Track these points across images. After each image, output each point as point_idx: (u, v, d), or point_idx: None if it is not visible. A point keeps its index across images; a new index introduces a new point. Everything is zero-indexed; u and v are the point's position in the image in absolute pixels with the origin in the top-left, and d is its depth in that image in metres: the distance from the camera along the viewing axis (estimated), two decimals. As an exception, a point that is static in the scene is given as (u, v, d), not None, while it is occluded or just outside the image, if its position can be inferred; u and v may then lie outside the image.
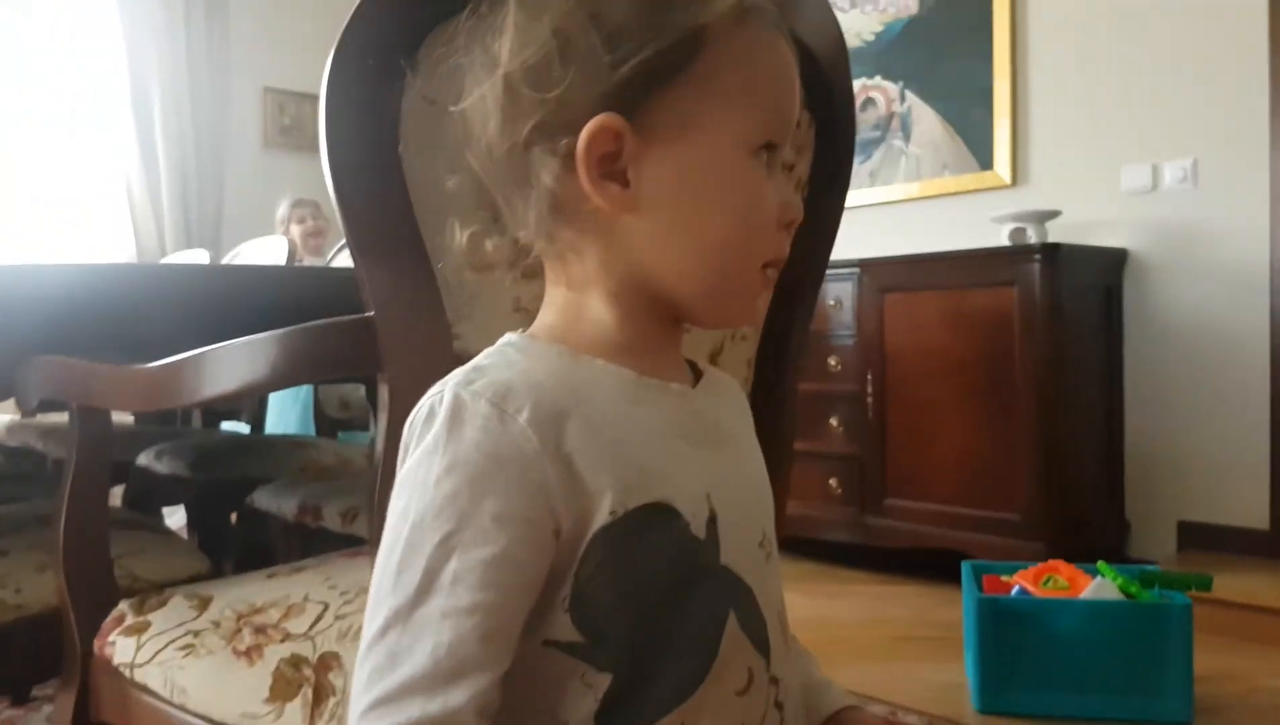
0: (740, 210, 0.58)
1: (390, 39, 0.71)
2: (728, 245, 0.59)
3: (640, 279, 0.60)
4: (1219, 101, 2.81)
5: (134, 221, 4.32)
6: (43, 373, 1.06)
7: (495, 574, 0.51)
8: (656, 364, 0.62)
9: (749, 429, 0.72)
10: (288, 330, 0.73)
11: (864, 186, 3.56)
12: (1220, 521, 2.84)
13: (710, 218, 0.58)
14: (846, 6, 3.63)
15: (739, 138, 0.58)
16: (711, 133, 0.57)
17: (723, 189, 0.58)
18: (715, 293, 0.60)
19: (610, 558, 0.54)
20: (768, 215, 0.59)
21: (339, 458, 2.09)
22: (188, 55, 4.42)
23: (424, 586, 0.51)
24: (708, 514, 0.58)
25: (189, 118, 4.43)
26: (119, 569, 1.24)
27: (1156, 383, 2.95)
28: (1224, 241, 2.81)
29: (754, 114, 0.58)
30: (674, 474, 0.58)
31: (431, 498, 0.52)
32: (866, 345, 3.00)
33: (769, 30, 0.59)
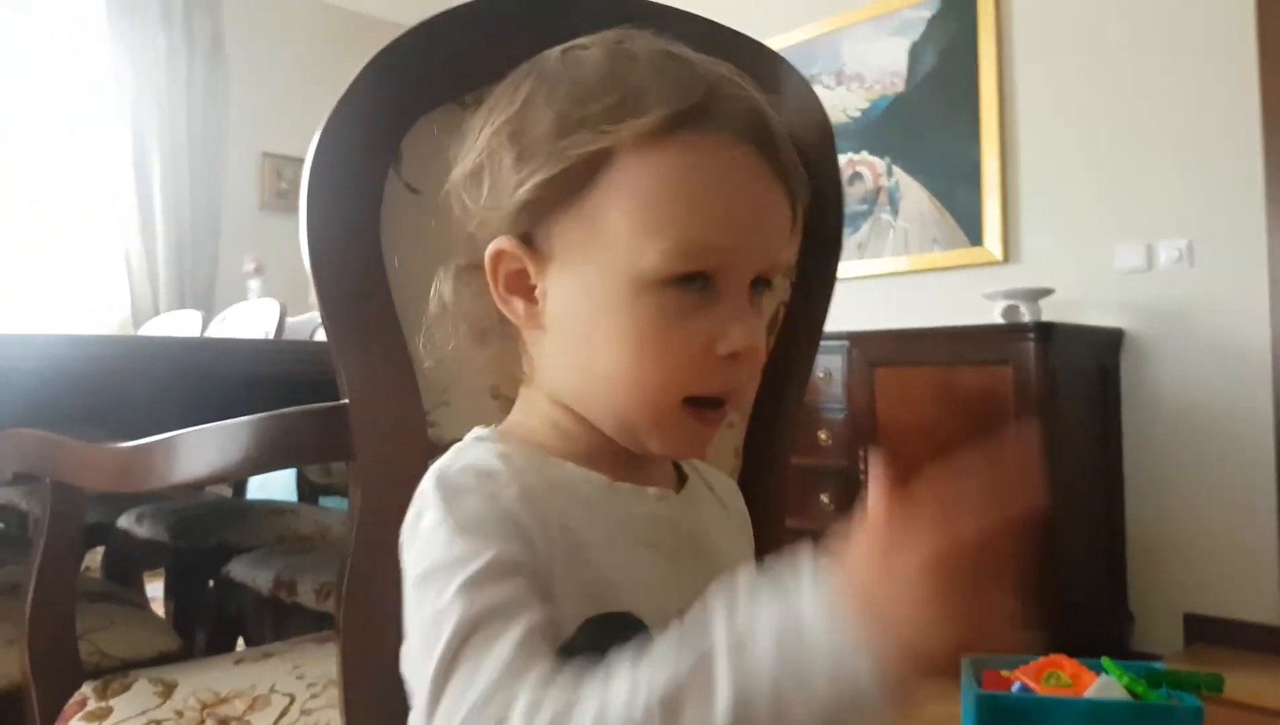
0: (632, 344, 0.55)
1: (378, 122, 0.71)
2: (623, 378, 0.56)
3: (559, 396, 0.60)
4: (1213, 181, 2.82)
5: (130, 279, 4.33)
6: (16, 446, 1.04)
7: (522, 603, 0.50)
8: (632, 467, 0.60)
9: (738, 537, 0.70)
10: (260, 417, 0.72)
11: (852, 258, 3.57)
12: (1229, 615, 2.77)
13: (601, 349, 0.56)
14: (833, 83, 3.68)
15: (637, 270, 0.54)
16: (602, 263, 0.55)
17: (612, 322, 0.55)
18: (626, 424, 0.58)
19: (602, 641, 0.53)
20: (679, 350, 0.55)
21: (318, 526, 2.06)
22: (188, 117, 4.46)
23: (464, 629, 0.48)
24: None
25: (187, 179, 4.46)
26: (86, 644, 1.21)
27: (1157, 467, 2.91)
28: (1222, 322, 2.81)
29: (659, 243, 0.54)
30: (640, 587, 0.56)
31: (447, 553, 0.51)
32: (857, 420, 2.98)
33: (718, 139, 0.55)
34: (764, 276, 0.58)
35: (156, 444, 0.81)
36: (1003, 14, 3.26)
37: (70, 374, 1.22)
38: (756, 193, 0.56)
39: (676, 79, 0.55)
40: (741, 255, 0.56)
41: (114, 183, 4.31)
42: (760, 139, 0.56)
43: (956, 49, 3.36)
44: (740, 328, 0.55)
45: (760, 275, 0.58)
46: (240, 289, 4.02)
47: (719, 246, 0.55)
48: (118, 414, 1.26)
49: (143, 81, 4.34)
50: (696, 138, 0.54)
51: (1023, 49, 3.22)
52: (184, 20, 4.46)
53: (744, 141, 0.56)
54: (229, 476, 0.94)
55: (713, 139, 0.55)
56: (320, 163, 0.69)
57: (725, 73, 0.58)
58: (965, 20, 3.33)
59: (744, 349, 0.55)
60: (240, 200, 4.77)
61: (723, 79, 0.57)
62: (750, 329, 0.56)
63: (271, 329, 2.54)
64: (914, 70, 3.48)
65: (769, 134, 0.56)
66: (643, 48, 0.58)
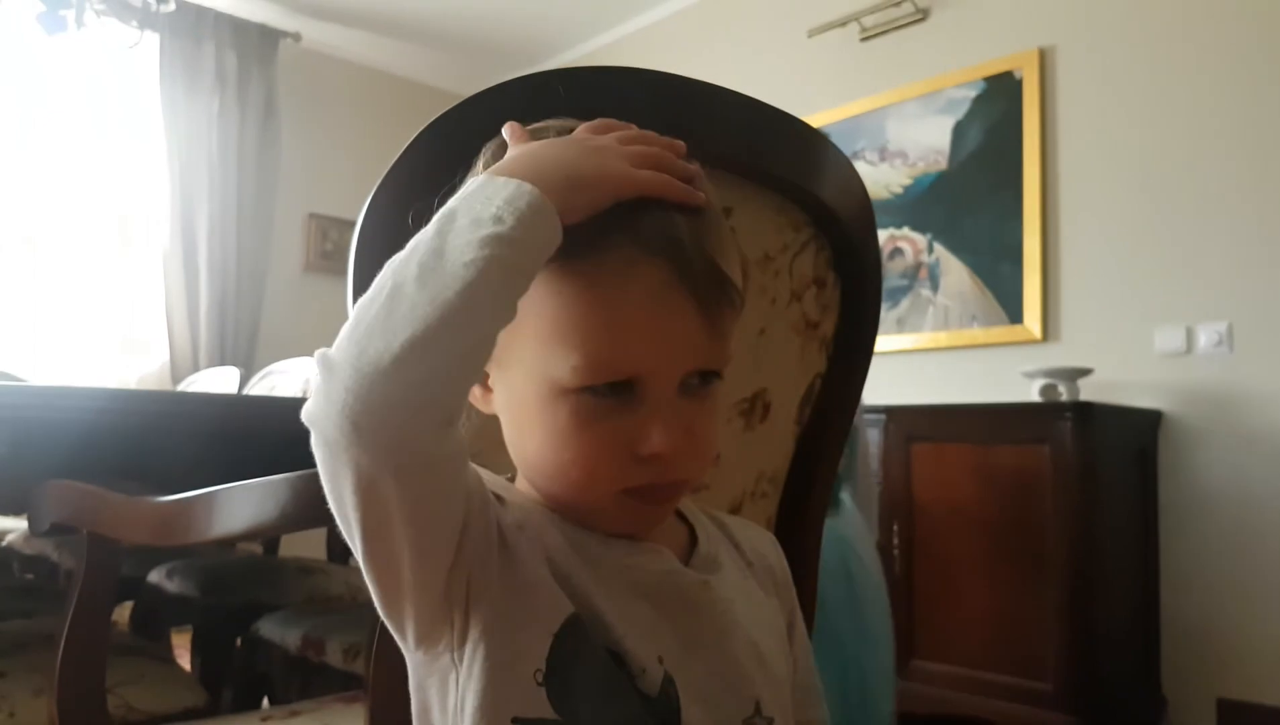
0: (554, 443, 0.57)
1: (430, 187, 0.72)
2: (553, 471, 0.59)
3: (525, 475, 0.63)
4: (1254, 264, 2.81)
5: (170, 334, 4.40)
6: (56, 497, 1.06)
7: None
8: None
9: (761, 595, 0.69)
10: (299, 474, 0.72)
11: (891, 332, 3.57)
12: (1263, 700, 2.71)
13: (532, 443, 0.59)
14: (877, 160, 3.71)
15: (548, 378, 0.57)
16: (524, 368, 0.58)
17: (536, 421, 0.58)
18: (572, 506, 0.60)
19: (585, 648, 0.55)
20: (598, 450, 0.57)
21: (348, 586, 2.06)
22: (238, 177, 4.57)
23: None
24: (662, 675, 0.57)
25: (234, 237, 4.55)
26: (115, 698, 1.22)
27: (1194, 550, 2.86)
28: (1263, 407, 2.77)
29: (569, 358, 0.56)
30: (625, 628, 0.57)
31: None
32: (893, 495, 2.95)
33: (621, 255, 0.56)
34: (702, 371, 0.59)
35: (195, 499, 0.82)
36: (1047, 96, 3.29)
37: (110, 428, 1.24)
38: (659, 307, 0.56)
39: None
40: (652, 367, 0.57)
41: (160, 238, 4.41)
42: (666, 250, 0.56)
43: (1000, 129, 3.38)
44: (659, 430, 0.56)
45: (695, 372, 0.58)
46: (280, 349, 4.08)
47: (625, 362, 0.56)
48: (157, 469, 1.28)
49: (194, 142, 4.47)
50: (600, 255, 0.56)
51: (1066, 130, 3.24)
52: (237, 84, 4.60)
53: (649, 255, 0.56)
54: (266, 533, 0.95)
55: (616, 256, 0.56)
56: (371, 222, 0.71)
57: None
58: (1010, 101, 3.36)
59: (663, 450, 0.56)
60: (285, 260, 4.86)
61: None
62: (670, 431, 0.56)
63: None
64: (957, 149, 3.50)
65: (676, 245, 0.56)
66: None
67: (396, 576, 0.53)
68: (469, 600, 0.55)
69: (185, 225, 4.44)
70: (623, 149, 0.59)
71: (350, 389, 0.47)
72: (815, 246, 0.91)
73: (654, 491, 0.59)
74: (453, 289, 0.48)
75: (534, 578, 0.56)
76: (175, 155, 4.41)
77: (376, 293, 0.49)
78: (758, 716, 0.61)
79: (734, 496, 0.90)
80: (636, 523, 0.61)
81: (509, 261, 0.50)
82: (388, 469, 0.48)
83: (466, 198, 0.52)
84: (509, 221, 0.50)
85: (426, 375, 0.47)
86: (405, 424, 0.48)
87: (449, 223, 0.51)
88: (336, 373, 0.48)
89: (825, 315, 0.94)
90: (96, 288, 4.31)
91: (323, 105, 5.02)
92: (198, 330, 4.45)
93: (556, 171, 0.54)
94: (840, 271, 0.94)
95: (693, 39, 4.49)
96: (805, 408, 0.96)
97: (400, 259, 0.50)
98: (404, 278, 0.49)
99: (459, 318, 0.48)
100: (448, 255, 0.49)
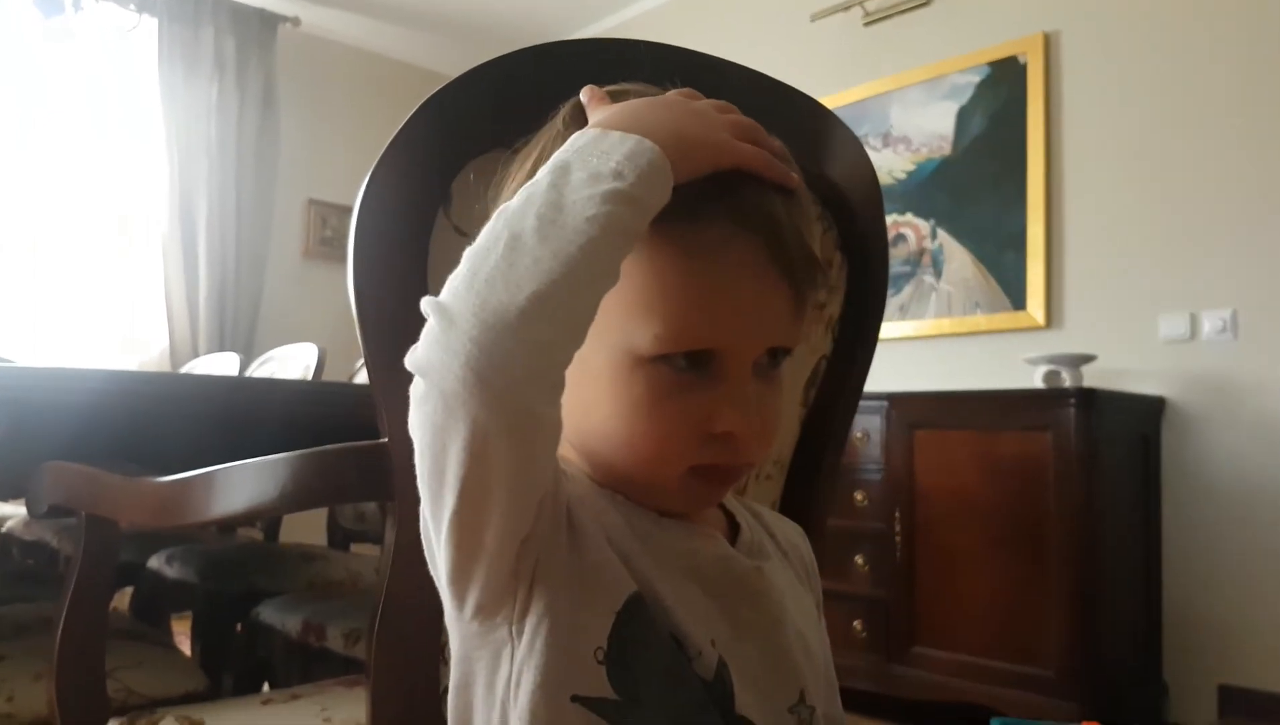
0: (627, 415, 0.57)
1: (429, 164, 0.71)
2: (622, 445, 0.58)
3: (584, 451, 0.61)
4: (1259, 251, 2.80)
5: (169, 320, 4.39)
6: (53, 479, 1.05)
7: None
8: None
9: (799, 585, 0.69)
10: (299, 454, 0.71)
11: (893, 319, 3.56)
12: (1265, 687, 2.71)
13: (601, 416, 0.58)
14: (880, 145, 3.70)
15: (627, 348, 0.56)
16: (601, 336, 0.55)
17: (609, 392, 0.57)
18: (635, 481, 0.59)
19: (648, 628, 0.54)
20: (672, 425, 0.56)
21: (349, 572, 2.05)
22: (237, 163, 4.55)
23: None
24: (716, 659, 0.57)
25: (233, 223, 4.53)
26: (114, 682, 1.21)
27: (1196, 537, 2.86)
28: (1266, 394, 2.76)
29: (651, 326, 0.55)
30: (682, 611, 0.57)
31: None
32: (895, 482, 2.94)
33: (718, 231, 0.56)
34: (776, 349, 0.59)
35: (193, 479, 0.81)
36: (1051, 82, 3.27)
37: (110, 410, 1.23)
38: (752, 283, 0.56)
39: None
40: (735, 342, 0.57)
41: (158, 225, 4.39)
42: (763, 228, 0.56)
43: (1005, 115, 3.37)
44: (734, 409, 0.56)
45: (769, 350, 0.59)
46: (280, 335, 4.07)
47: (710, 335, 0.56)
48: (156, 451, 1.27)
49: (193, 128, 4.45)
50: (695, 227, 0.55)
51: (1070, 117, 3.23)
52: (236, 69, 4.58)
53: (746, 232, 0.56)
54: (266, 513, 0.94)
55: (712, 230, 0.55)
56: (370, 201, 0.69)
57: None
58: (1014, 87, 3.34)
59: (737, 429, 0.56)
60: (285, 246, 4.85)
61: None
62: (745, 411, 0.57)
63: (310, 371, 2.56)
64: (961, 135, 3.49)
65: (773, 223, 0.56)
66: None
67: (478, 541, 0.51)
68: (535, 574, 0.54)
69: (184, 212, 4.42)
70: (722, 118, 0.58)
71: (475, 340, 0.46)
72: (822, 227, 0.90)
73: (719, 472, 0.58)
74: (576, 244, 0.47)
75: (599, 555, 0.55)
76: (174, 141, 4.39)
77: (493, 242, 0.48)
78: (802, 705, 0.61)
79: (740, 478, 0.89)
80: (697, 502, 0.61)
81: (628, 219, 0.49)
82: (504, 427, 0.47)
83: (580, 151, 0.51)
84: (630, 177, 0.49)
85: (550, 335, 0.47)
86: (527, 383, 0.47)
87: (564, 176, 0.50)
88: (458, 323, 0.46)
89: (832, 296, 0.93)
90: (95, 275, 4.29)
91: (322, 90, 5.00)
92: (197, 316, 4.44)
93: (667, 131, 0.53)
94: (847, 252, 0.93)
95: (695, 23, 4.47)
96: (810, 390, 0.95)
97: (514, 210, 0.49)
98: (521, 229, 0.48)
99: (582, 274, 0.47)
100: (567, 210, 0.48)
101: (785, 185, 0.58)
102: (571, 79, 0.67)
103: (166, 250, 4.39)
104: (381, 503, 0.72)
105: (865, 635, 2.97)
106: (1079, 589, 2.57)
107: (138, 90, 4.39)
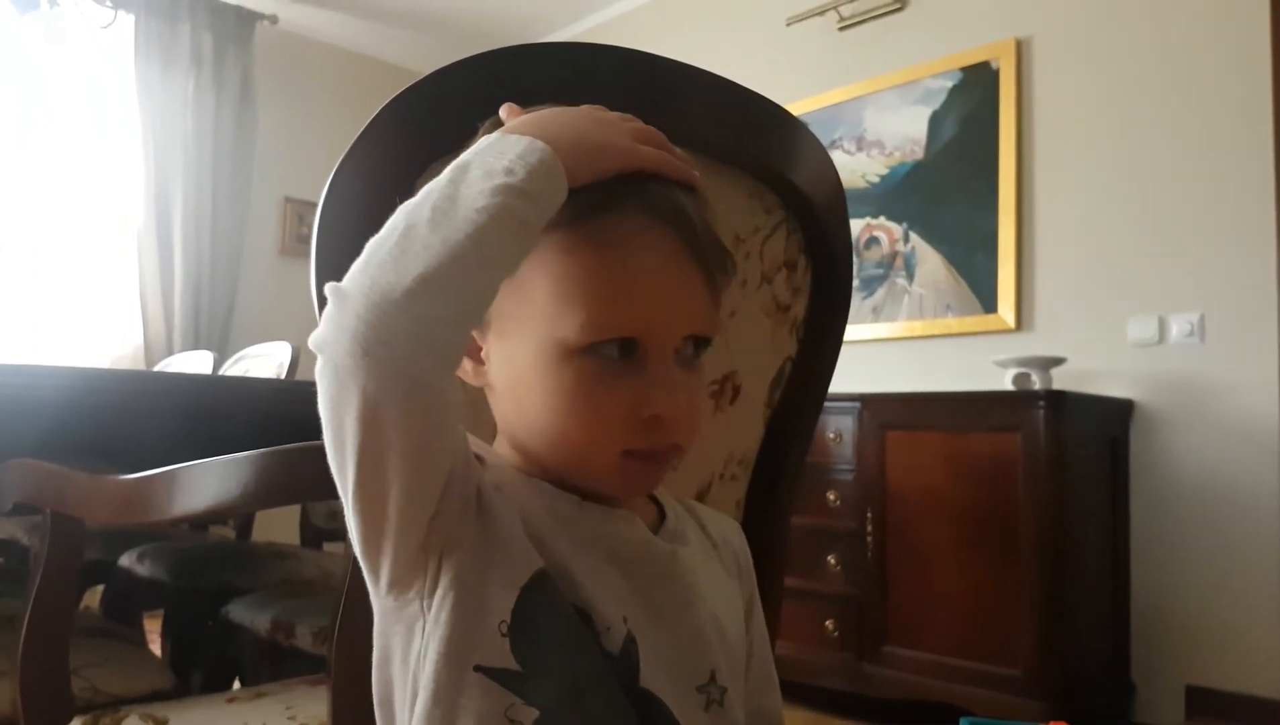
0: (561, 406, 0.59)
1: (395, 161, 0.71)
2: (558, 436, 0.60)
3: (516, 443, 0.64)
4: (1226, 256, 2.83)
5: (144, 317, 4.36)
6: (18, 476, 1.05)
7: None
8: (602, 499, 0.64)
9: (726, 577, 0.71)
10: (263, 452, 0.72)
11: (866, 321, 3.58)
12: (1231, 688, 2.75)
13: (535, 409, 0.61)
14: (854, 149, 3.72)
15: (555, 339, 0.59)
16: (528, 332, 0.61)
17: (541, 385, 0.60)
18: (575, 472, 0.62)
19: (551, 603, 0.56)
20: (603, 412, 0.59)
21: (320, 570, 2.04)
22: (214, 159, 4.52)
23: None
24: (625, 634, 0.59)
25: (209, 220, 4.51)
26: (80, 680, 1.21)
27: (1164, 538, 2.89)
28: (1233, 397, 2.80)
29: (577, 315, 0.58)
30: (594, 588, 0.59)
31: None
32: (866, 483, 2.96)
33: (633, 222, 0.59)
34: (696, 336, 0.62)
35: (157, 477, 0.81)
36: (1024, 87, 3.30)
37: (81, 407, 1.23)
38: (669, 269, 0.60)
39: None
40: (658, 327, 0.60)
41: (134, 221, 4.36)
42: (675, 220, 0.60)
43: (977, 119, 3.40)
44: (661, 393, 0.59)
45: (691, 338, 0.62)
46: (255, 333, 4.05)
47: (632, 319, 0.59)
48: (127, 449, 1.27)
49: (169, 123, 4.42)
50: (613, 220, 0.59)
51: (1042, 121, 3.26)
52: (214, 65, 4.56)
53: (660, 223, 0.60)
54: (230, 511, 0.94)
55: (628, 221, 0.59)
56: (336, 195, 0.70)
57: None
58: (986, 91, 3.37)
59: (665, 412, 0.59)
60: (260, 244, 4.82)
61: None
62: (671, 394, 0.60)
63: (284, 370, 2.55)
64: (934, 139, 3.51)
65: (683, 216, 0.60)
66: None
67: (382, 513, 0.54)
68: (443, 551, 0.56)
69: (160, 208, 4.39)
70: (626, 125, 0.62)
71: (362, 317, 0.49)
72: (786, 229, 0.91)
73: (652, 455, 0.61)
74: (464, 231, 0.50)
75: (506, 534, 0.57)
76: (150, 136, 4.36)
77: (390, 232, 0.52)
78: (712, 685, 0.63)
79: (703, 478, 0.90)
80: (634, 486, 0.64)
81: (518, 211, 0.52)
82: (392, 397, 0.50)
83: (480, 152, 0.55)
84: (520, 174, 0.53)
85: (434, 311, 0.50)
86: (413, 356, 0.50)
87: (462, 173, 0.54)
88: (349, 301, 0.50)
89: (796, 298, 0.94)
90: (68, 270, 4.26)
91: (299, 88, 4.98)
92: (172, 313, 4.41)
93: (566, 136, 0.57)
94: (811, 256, 0.94)
95: (671, 26, 4.48)
96: (775, 391, 0.96)
97: (414, 203, 0.53)
98: (417, 219, 0.51)
99: (469, 259, 0.50)
100: (460, 201, 0.52)
101: (689, 184, 0.62)
102: (541, 80, 0.67)
103: (142, 246, 4.36)
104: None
105: (837, 634, 2.99)
106: (1048, 589, 2.60)
107: (114, 85, 4.36)
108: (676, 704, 0.60)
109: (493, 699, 0.55)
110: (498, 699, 0.55)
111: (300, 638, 1.59)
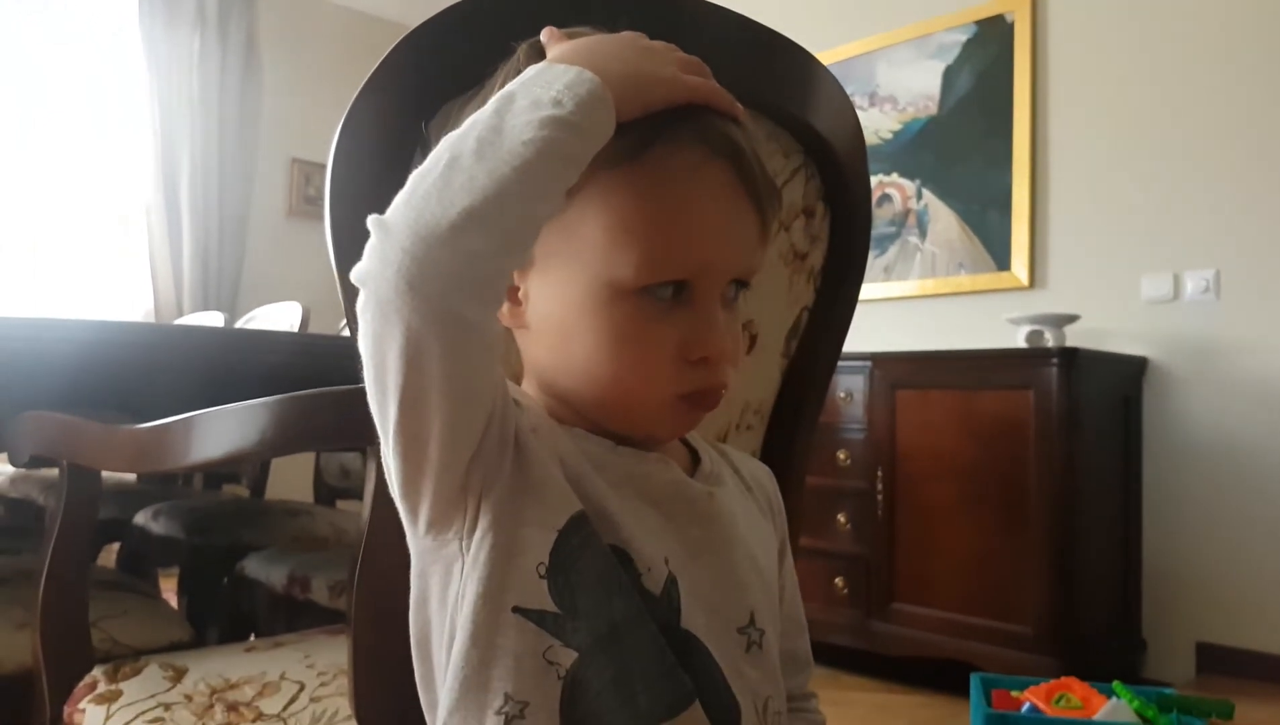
0: (609, 347, 0.58)
1: (404, 106, 0.70)
2: (604, 376, 0.59)
3: (551, 387, 0.63)
4: (1242, 212, 2.81)
5: (154, 280, 4.36)
6: (33, 428, 1.05)
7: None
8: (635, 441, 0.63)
9: (760, 518, 0.71)
10: (279, 398, 0.71)
11: (878, 280, 3.56)
12: (1241, 645, 2.76)
13: (581, 350, 0.59)
14: (866, 105, 3.68)
15: (608, 279, 0.57)
16: (580, 271, 0.58)
17: (589, 325, 0.59)
18: (620, 414, 0.61)
19: (588, 545, 0.56)
20: (654, 353, 0.58)
21: (334, 528, 2.05)
22: (220, 121, 4.50)
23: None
24: (666, 575, 0.58)
25: (216, 182, 4.49)
26: (98, 632, 1.21)
27: (1176, 497, 2.89)
28: (1247, 355, 2.79)
29: (632, 255, 0.57)
30: (634, 529, 0.58)
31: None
32: (877, 442, 2.96)
33: (690, 156, 0.57)
34: (738, 279, 0.61)
35: (173, 425, 0.81)
36: (1038, 42, 3.26)
37: (97, 360, 1.23)
38: (725, 207, 0.59)
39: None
40: (712, 266, 0.59)
41: (141, 183, 4.35)
42: (730, 153, 0.58)
43: (991, 74, 3.35)
44: (711, 334, 0.59)
45: (734, 279, 0.61)
46: (264, 294, 4.05)
47: (689, 259, 0.58)
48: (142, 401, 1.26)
49: (175, 83, 4.39)
50: (667, 154, 0.57)
51: (1057, 77, 3.22)
52: (218, 23, 4.51)
53: (715, 157, 0.58)
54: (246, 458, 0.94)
55: (683, 156, 0.57)
56: (346, 144, 0.69)
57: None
58: (1001, 46, 3.33)
59: (714, 353, 0.59)
60: (268, 206, 4.80)
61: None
62: (719, 335, 0.59)
63: (295, 331, 2.55)
64: (947, 94, 3.47)
65: (738, 149, 0.59)
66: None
67: (423, 452, 0.53)
68: (482, 491, 0.56)
69: (167, 170, 4.37)
70: (672, 54, 0.60)
71: (406, 250, 0.48)
72: (805, 175, 0.89)
73: (701, 396, 0.60)
74: (510, 165, 0.49)
75: (544, 475, 0.57)
76: (156, 95, 4.33)
77: (434, 163, 0.50)
78: (751, 626, 0.63)
79: (720, 428, 0.89)
80: (683, 426, 0.63)
81: (565, 144, 0.51)
82: (435, 332, 0.49)
83: (525, 82, 0.53)
84: (568, 105, 0.51)
85: (479, 246, 0.49)
86: (457, 290, 0.49)
87: (508, 103, 0.52)
88: (393, 234, 0.49)
89: (814, 247, 0.92)
90: (78, 234, 4.25)
91: (305, 48, 4.93)
92: (181, 276, 4.41)
93: (615, 66, 0.55)
94: (830, 202, 0.92)
95: (682, -19, 4.42)
96: (792, 341, 0.95)
97: (458, 134, 0.51)
98: (461, 150, 0.50)
99: (514, 193, 0.49)
100: (506, 133, 0.50)
101: (735, 115, 0.60)
102: (545, 19, 0.66)
103: (150, 210, 4.35)
104: (363, 449, 0.72)
105: (847, 592, 3.00)
106: (1059, 547, 2.60)
107: (119, 45, 4.33)
108: (716, 645, 0.59)
109: (530, 640, 0.54)
110: (535, 640, 0.54)
111: (316, 591, 1.60)
